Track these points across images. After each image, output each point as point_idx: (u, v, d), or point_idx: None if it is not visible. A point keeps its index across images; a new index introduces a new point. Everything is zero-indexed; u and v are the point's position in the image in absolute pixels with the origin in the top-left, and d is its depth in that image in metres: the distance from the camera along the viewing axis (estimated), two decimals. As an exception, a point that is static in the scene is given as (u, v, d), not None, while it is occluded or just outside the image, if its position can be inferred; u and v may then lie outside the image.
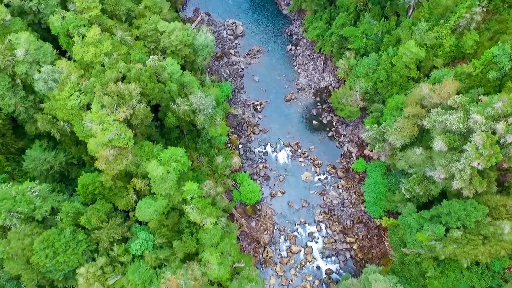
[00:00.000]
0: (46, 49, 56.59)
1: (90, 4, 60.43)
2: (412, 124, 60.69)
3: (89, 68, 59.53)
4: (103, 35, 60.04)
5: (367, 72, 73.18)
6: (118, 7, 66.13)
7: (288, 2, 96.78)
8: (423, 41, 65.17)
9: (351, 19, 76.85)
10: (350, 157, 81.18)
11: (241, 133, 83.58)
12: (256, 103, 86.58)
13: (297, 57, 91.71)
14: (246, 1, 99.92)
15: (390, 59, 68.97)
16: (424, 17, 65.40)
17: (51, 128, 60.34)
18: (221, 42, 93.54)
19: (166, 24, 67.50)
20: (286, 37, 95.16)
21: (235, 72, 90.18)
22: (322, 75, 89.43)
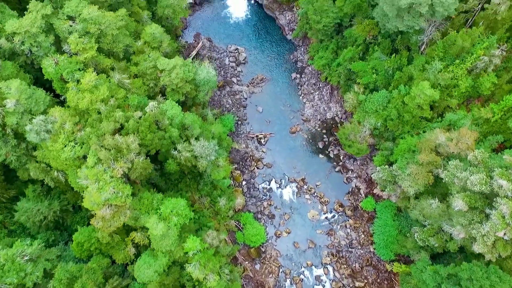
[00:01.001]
0: (39, 96, 53.17)
1: (86, 46, 57.06)
2: (426, 172, 57.32)
3: (84, 114, 56.16)
4: (100, 78, 56.67)
5: (376, 108, 69.75)
6: (115, 45, 62.72)
7: (292, 28, 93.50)
8: (437, 81, 61.92)
9: (359, 51, 73.60)
10: (358, 194, 77.76)
11: (245, 169, 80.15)
12: (260, 136, 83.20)
13: (302, 86, 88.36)
14: (248, 26, 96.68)
15: (401, 97, 65.60)
16: (438, 55, 62.10)
17: (44, 177, 57.04)
18: (223, 70, 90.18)
19: (166, 62, 64.13)
20: (290, 64, 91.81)
21: (237, 102, 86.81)
22: (328, 105, 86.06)
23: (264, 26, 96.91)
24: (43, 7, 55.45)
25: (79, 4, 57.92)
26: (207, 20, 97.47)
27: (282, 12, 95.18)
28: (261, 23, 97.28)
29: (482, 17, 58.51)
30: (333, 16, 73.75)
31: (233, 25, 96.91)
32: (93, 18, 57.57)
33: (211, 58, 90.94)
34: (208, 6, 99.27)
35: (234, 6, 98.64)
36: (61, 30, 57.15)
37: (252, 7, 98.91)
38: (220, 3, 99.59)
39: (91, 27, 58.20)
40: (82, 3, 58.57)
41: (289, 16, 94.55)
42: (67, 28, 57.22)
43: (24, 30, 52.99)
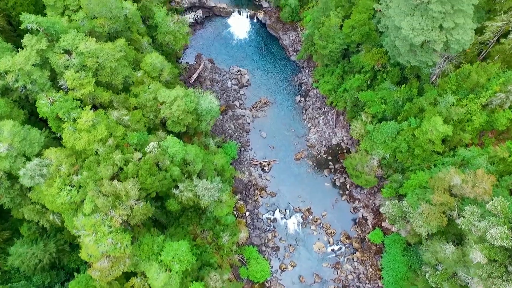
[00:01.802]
0: (33, 137, 50.49)
1: (83, 81, 54.44)
2: (439, 213, 54.78)
3: (81, 153, 53.51)
4: (97, 115, 54.03)
5: (385, 139, 67.13)
6: (114, 77, 60.08)
7: (296, 48, 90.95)
8: (450, 115, 59.36)
9: (367, 79, 71.01)
10: (365, 225, 75.13)
11: (248, 198, 77.51)
12: (264, 163, 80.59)
13: (307, 110, 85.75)
14: (251, 46, 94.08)
15: (411, 130, 63.06)
16: (450, 88, 59.58)
17: (39, 219, 54.42)
18: (226, 93, 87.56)
19: (167, 94, 61.43)
20: (294, 87, 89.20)
21: (240, 127, 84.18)
22: (334, 131, 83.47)
23: (267, 46, 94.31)
24: (38, 42, 52.78)
25: (76, 37, 55.28)
26: (209, 39, 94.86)
27: (285, 32, 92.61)
28: (264, 43, 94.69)
29: (498, 51, 55.98)
30: (340, 43, 71.17)
31: (236, 45, 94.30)
32: (90, 51, 54.96)
33: (213, 80, 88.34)
34: (209, 25, 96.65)
35: (237, 25, 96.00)
36: (57, 65, 54.50)
37: (254, 26, 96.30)
38: (222, 22, 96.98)
39: (88, 61, 55.61)
40: (79, 35, 55.94)
41: (293, 36, 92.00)
42: (64, 63, 54.57)
43: (17, 67, 50.32)
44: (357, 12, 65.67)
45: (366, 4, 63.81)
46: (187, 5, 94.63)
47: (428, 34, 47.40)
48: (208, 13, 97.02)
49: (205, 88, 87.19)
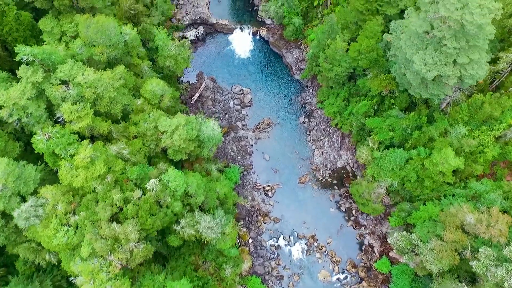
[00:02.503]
0: (28, 175, 48.33)
1: (81, 113, 52.32)
2: (451, 251, 52.71)
3: (79, 190, 51.38)
4: (96, 148, 51.91)
5: (393, 167, 65.03)
6: (113, 106, 57.95)
7: (300, 67, 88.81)
8: (461, 146, 57.30)
9: (374, 104, 68.89)
10: (372, 253, 72.98)
11: (251, 225, 75.36)
12: (267, 188, 78.44)
13: (311, 132, 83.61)
14: (253, 63, 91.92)
15: (421, 160, 61.00)
16: (462, 119, 57.50)
17: (35, 257, 52.24)
18: (228, 113, 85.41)
19: (168, 123, 59.25)
20: (298, 107, 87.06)
21: (243, 149, 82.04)
22: (339, 153, 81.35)
23: (270, 64, 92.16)
24: (34, 74, 50.62)
25: (73, 68, 53.15)
26: (211, 57, 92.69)
27: (289, 50, 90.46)
28: (267, 61, 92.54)
29: (512, 82, 53.97)
30: (346, 66, 69.06)
31: (238, 63, 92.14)
32: (88, 82, 52.86)
33: (215, 100, 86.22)
34: (211, 42, 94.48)
35: (239, 42, 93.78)
36: (53, 96, 52.36)
37: (257, 43, 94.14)
38: (224, 39, 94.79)
39: (86, 92, 53.48)
40: (77, 65, 53.81)
41: (297, 54, 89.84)
42: (61, 94, 52.43)
43: (12, 102, 48.20)
44: (365, 37, 63.52)
45: (373, 29, 61.68)
46: (188, 22, 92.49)
47: (441, 69, 45.29)
48: (210, 30, 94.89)
49: (206, 108, 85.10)
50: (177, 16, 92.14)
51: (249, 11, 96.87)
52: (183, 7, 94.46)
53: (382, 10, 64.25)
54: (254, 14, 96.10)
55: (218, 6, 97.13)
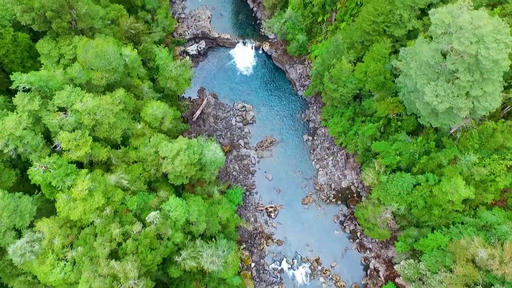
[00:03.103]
0: (24, 208, 46.61)
1: (79, 141, 50.61)
2: (461, 285, 50.94)
3: (77, 222, 49.65)
4: (94, 178, 50.22)
5: (400, 192, 63.28)
6: (113, 131, 56.24)
7: (304, 83, 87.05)
8: (471, 174, 55.53)
9: (380, 126, 67.10)
10: (377, 278, 71.20)
11: (253, 248, 73.60)
12: (270, 209, 76.67)
13: (315, 150, 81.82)
14: (256, 78, 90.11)
15: (429, 187, 59.21)
16: (472, 146, 55.66)
17: (31, 291, 50.61)
18: (230, 131, 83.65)
19: (169, 148, 57.43)
20: (301, 124, 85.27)
21: (245, 169, 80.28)
22: (344, 173, 79.55)
23: (273, 79, 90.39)
24: (30, 102, 48.89)
25: (71, 94, 51.43)
26: (212, 71, 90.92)
27: (292, 65, 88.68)
28: (270, 76, 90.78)
29: (525, 110, 52.17)
30: (352, 87, 67.29)
31: (240, 78, 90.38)
32: (87, 109, 51.13)
33: (217, 117, 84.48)
34: (213, 56, 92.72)
35: (241, 57, 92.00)
36: (51, 124, 50.64)
37: (260, 58, 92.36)
38: (226, 53, 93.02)
39: (84, 119, 51.76)
40: (75, 91, 52.09)
41: (300, 70, 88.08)
42: (58, 122, 50.71)
43: (7, 133, 46.48)
44: (371, 59, 61.72)
45: (381, 52, 59.89)
46: (190, 36, 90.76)
47: (453, 101, 43.53)
48: (212, 44, 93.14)
49: (208, 126, 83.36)
50: (179, 30, 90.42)
51: (251, 24, 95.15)
52: (185, 21, 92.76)
53: (389, 31, 62.46)
54: (257, 28, 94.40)
55: (220, 19, 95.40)
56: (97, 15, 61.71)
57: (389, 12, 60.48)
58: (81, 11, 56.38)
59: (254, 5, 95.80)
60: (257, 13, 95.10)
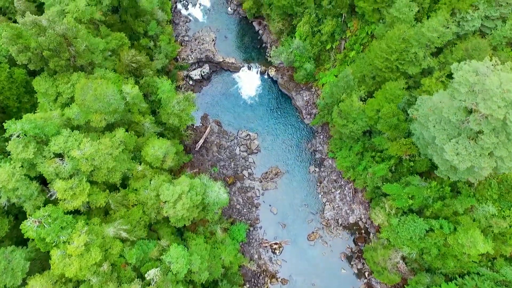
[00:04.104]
0: (17, 264, 43.90)
1: (76, 190, 47.90)
2: None
3: (72, 278, 46.87)
4: (91, 230, 47.50)
5: (411, 236, 60.41)
6: (112, 175, 53.52)
7: (311, 111, 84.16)
8: (490, 225, 52.64)
9: (391, 165, 64.24)
10: (386, 321, 68.42)
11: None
12: (275, 246, 73.82)
13: (322, 183, 78.91)
14: (261, 104, 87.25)
15: (444, 235, 56.34)
16: (491, 197, 52.77)
17: None
18: (234, 161, 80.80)
19: (170, 192, 54.59)
20: (308, 154, 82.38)
21: (249, 202, 77.44)
22: (351, 207, 76.66)
23: (279, 106, 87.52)
24: (25, 149, 46.14)
25: (68, 140, 48.71)
26: (216, 97, 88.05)
27: (299, 92, 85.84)
28: (275, 102, 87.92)
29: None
30: (362, 125, 64.44)
31: (244, 104, 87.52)
32: (85, 155, 48.39)
33: (220, 146, 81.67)
34: (216, 81, 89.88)
35: (246, 81, 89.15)
36: (46, 172, 47.92)
37: (265, 83, 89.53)
38: (230, 77, 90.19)
39: (82, 165, 49.04)
40: (72, 136, 49.38)
41: (307, 97, 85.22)
42: (54, 170, 47.99)
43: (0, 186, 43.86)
44: (383, 97, 58.85)
45: (394, 92, 57.04)
46: (193, 60, 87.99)
47: (475, 161, 40.71)
48: (216, 68, 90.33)
49: (211, 155, 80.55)
50: (182, 54, 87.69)
51: (257, 48, 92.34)
52: (188, 44, 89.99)
53: (402, 68, 59.64)
54: (262, 52, 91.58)
55: (225, 42, 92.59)
56: (97, 49, 59.13)
57: (403, 50, 57.73)
58: (80, 48, 53.70)
59: (260, 28, 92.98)
60: (263, 36, 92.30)
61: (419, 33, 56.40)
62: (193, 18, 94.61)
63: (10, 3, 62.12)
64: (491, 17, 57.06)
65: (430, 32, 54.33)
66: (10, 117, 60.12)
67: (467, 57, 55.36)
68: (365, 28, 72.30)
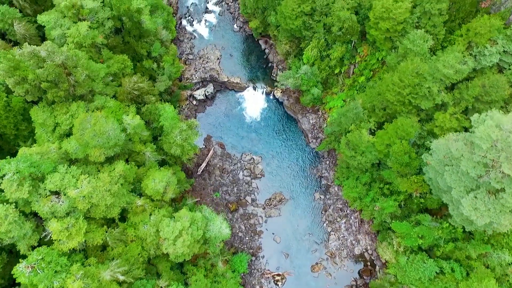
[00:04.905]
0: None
1: (72, 230, 45.80)
2: None
3: (66, 323, 44.78)
4: (86, 272, 45.37)
5: (420, 277, 58.05)
6: (110, 211, 51.39)
7: (317, 135, 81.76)
8: (505, 274, 50.12)
9: (400, 200, 61.83)
10: None
11: (258, 321, 68.65)
12: (277, 277, 71.52)
13: (327, 211, 76.50)
14: (266, 126, 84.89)
15: (455, 280, 53.85)
16: (507, 244, 50.26)
17: None
18: (237, 186, 78.52)
19: (171, 229, 52.49)
20: (313, 180, 79.98)
21: (252, 229, 75.16)
22: (357, 238, 74.21)
23: (284, 128, 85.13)
24: (19, 188, 44.07)
25: (65, 177, 46.60)
26: (220, 118, 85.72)
27: (305, 115, 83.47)
28: (281, 124, 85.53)
29: None
30: (371, 158, 62.04)
31: (249, 125, 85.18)
32: (82, 193, 46.29)
33: (223, 171, 79.42)
34: (221, 100, 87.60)
35: (251, 102, 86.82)
36: (42, 211, 45.85)
37: (271, 104, 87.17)
38: (235, 97, 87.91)
39: (79, 203, 46.95)
40: (69, 172, 47.29)
41: (313, 120, 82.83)
42: (50, 208, 45.90)
43: (-9, 229, 41.75)
44: (395, 134, 56.39)
45: (406, 129, 54.60)
46: (197, 80, 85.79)
47: (495, 217, 38.26)
48: (220, 87, 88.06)
49: (214, 180, 78.29)
50: (186, 74, 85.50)
51: (263, 67, 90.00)
52: (192, 63, 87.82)
53: (415, 102, 57.17)
54: (268, 72, 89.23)
55: (230, 60, 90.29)
56: (98, 76, 57.05)
57: (416, 84, 55.31)
58: (80, 77, 51.61)
59: (267, 47, 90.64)
60: (269, 55, 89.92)
61: (434, 68, 54.04)
62: (198, 35, 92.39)
63: (10, 25, 60.03)
64: (509, 52, 54.51)
65: (446, 69, 51.92)
66: (8, 143, 58.46)
67: (484, 94, 53.04)
68: (376, 54, 69.96)
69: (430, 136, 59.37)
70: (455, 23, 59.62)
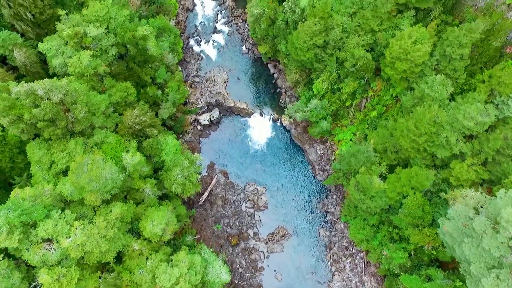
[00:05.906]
0: None
1: (62, 282, 43.28)
2: None
3: None
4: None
5: (429, 333, 55.01)
6: (104, 256, 48.82)
7: (324, 167, 78.80)
8: None
9: (410, 251, 58.76)
10: None
11: None
12: (277, 318, 68.82)
13: (332, 249, 73.53)
14: (271, 155, 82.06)
15: None
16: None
17: None
18: (239, 218, 75.78)
19: (168, 277, 50.02)
20: (319, 215, 77.05)
21: (253, 265, 72.38)
22: (362, 279, 71.19)
23: (290, 158, 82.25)
24: (9, 236, 41.61)
25: (58, 223, 44.14)
26: (224, 144, 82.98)
27: (312, 145, 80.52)
28: (287, 153, 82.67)
29: None
30: (381, 203, 59.07)
31: (254, 153, 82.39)
32: (75, 241, 43.78)
33: (226, 201, 76.73)
34: (226, 126, 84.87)
35: (257, 128, 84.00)
36: (32, 261, 43.39)
37: (277, 131, 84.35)
38: (241, 123, 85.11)
39: (72, 251, 44.43)
40: (62, 218, 44.84)
41: (321, 151, 79.86)
42: (41, 257, 43.45)
43: (-23, 283, 39.37)
44: (408, 183, 53.37)
45: (421, 182, 51.54)
46: (203, 104, 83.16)
47: (517, 299, 35.12)
48: (226, 111, 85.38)
49: (215, 211, 75.64)
50: (191, 98, 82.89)
51: (271, 93, 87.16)
52: (198, 86, 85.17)
53: (431, 150, 54.17)
54: (276, 98, 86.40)
55: (237, 84, 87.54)
56: (98, 110, 54.59)
57: (433, 133, 52.28)
58: (79, 115, 49.13)
59: (275, 71, 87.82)
60: (278, 80, 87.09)
61: (453, 117, 50.95)
62: (205, 56, 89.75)
63: (10, 51, 57.71)
64: (534, 102, 51.20)
65: (466, 120, 48.82)
66: (3, 174, 56.18)
67: (506, 147, 49.92)
68: (390, 90, 66.83)
69: (445, 183, 56.47)
70: (477, 66, 56.42)
